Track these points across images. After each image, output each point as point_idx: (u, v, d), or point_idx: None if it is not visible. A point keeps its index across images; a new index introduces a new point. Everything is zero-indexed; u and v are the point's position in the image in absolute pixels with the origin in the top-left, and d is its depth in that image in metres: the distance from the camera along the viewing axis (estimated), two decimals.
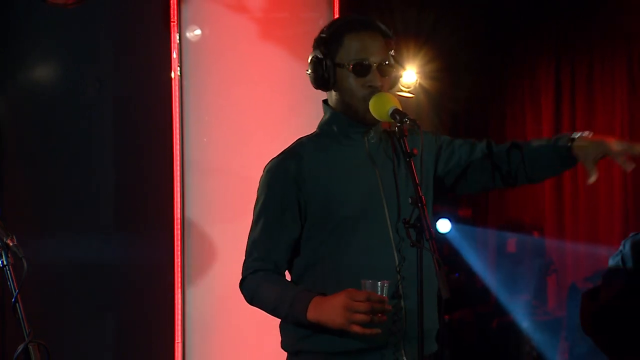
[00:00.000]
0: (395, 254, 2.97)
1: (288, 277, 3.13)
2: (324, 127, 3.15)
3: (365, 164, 3.05)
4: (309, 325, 2.89)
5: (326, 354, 2.94)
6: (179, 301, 5.10)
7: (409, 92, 7.40)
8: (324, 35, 3.09)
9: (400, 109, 2.90)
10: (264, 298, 3.01)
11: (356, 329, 2.76)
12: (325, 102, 3.17)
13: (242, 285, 3.08)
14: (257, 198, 3.12)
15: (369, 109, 2.98)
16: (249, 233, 3.12)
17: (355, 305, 2.75)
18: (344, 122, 3.08)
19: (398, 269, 2.94)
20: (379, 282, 2.78)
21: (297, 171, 3.02)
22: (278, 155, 3.11)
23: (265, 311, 3.03)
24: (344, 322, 2.77)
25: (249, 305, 3.08)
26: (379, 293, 2.77)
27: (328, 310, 2.82)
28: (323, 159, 3.04)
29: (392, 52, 3.08)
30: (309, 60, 3.10)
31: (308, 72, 3.11)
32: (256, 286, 3.02)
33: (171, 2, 5.16)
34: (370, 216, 3.00)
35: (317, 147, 3.08)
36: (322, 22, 5.06)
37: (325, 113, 3.16)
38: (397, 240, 2.98)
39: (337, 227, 2.99)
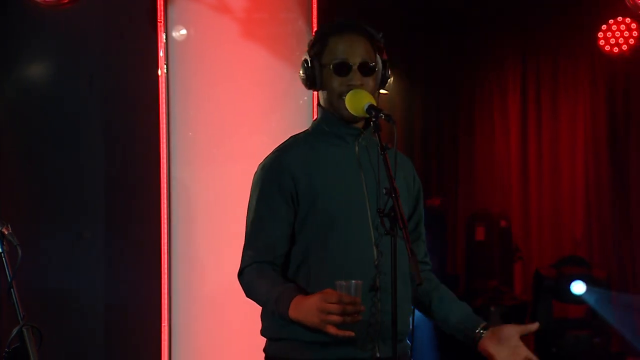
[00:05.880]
0: (375, 251, 2.96)
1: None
2: (316, 126, 3.14)
3: (352, 165, 3.04)
4: (293, 322, 2.88)
5: (305, 342, 2.93)
6: (166, 285, 5.11)
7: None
8: (313, 39, 3.11)
9: (376, 105, 2.91)
10: (256, 293, 3.00)
11: (331, 329, 2.74)
12: (319, 104, 3.18)
13: (240, 277, 3.06)
14: (252, 193, 3.09)
15: (345, 106, 2.98)
16: (246, 225, 3.09)
17: (328, 307, 2.73)
18: (336, 123, 3.07)
19: (376, 262, 2.94)
20: (353, 282, 2.76)
21: (290, 167, 3.00)
22: (272, 152, 3.09)
23: (260, 306, 3.03)
24: (319, 322, 2.76)
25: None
26: (352, 293, 2.75)
27: (305, 310, 2.80)
28: (314, 158, 3.03)
29: (380, 53, 3.08)
30: (302, 63, 3.10)
31: (300, 74, 3.11)
32: (251, 280, 3.01)
33: (158, 3, 5.15)
34: (354, 216, 2.98)
35: (309, 145, 3.07)
36: (301, 23, 5.07)
37: (319, 113, 3.16)
38: (376, 237, 2.97)
39: (322, 224, 2.97)
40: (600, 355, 7.69)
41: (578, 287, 7.70)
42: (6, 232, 2.89)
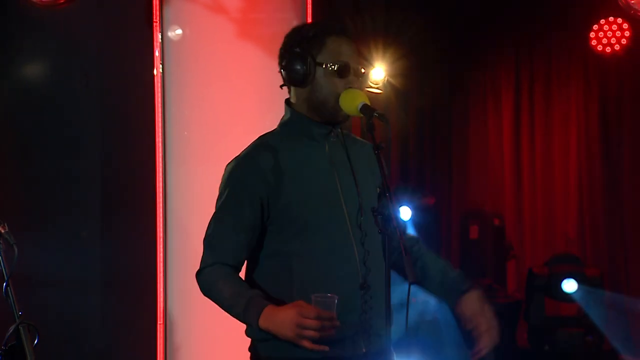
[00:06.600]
0: (357, 249, 2.96)
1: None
2: (285, 126, 3.13)
3: (324, 164, 3.04)
4: (261, 330, 2.88)
5: (290, 342, 2.88)
6: (161, 284, 5.11)
7: (377, 88, 7.42)
8: (304, 34, 3.08)
9: (369, 104, 2.92)
10: (220, 294, 2.98)
11: (306, 344, 2.75)
12: (287, 102, 3.15)
13: (199, 276, 3.05)
14: (219, 193, 3.08)
15: (341, 107, 2.98)
16: (210, 225, 3.07)
17: (306, 322, 2.73)
18: (307, 122, 3.07)
19: (365, 261, 2.95)
20: (329, 297, 2.76)
21: (260, 169, 2.99)
22: (241, 154, 3.08)
23: (220, 307, 3.00)
24: (293, 336, 2.76)
25: None
26: (329, 308, 2.75)
27: (279, 323, 2.80)
28: (286, 159, 3.02)
29: (363, 56, 3.12)
30: (286, 56, 3.07)
31: (282, 66, 3.08)
32: (214, 280, 3.00)
33: (154, 3, 5.16)
34: (329, 215, 2.98)
35: (280, 146, 3.05)
36: (296, 23, 5.05)
37: (286, 113, 3.13)
38: (360, 236, 2.98)
39: (296, 226, 2.97)
40: (593, 353, 7.69)
41: (570, 285, 7.70)
42: (3, 231, 2.89)
